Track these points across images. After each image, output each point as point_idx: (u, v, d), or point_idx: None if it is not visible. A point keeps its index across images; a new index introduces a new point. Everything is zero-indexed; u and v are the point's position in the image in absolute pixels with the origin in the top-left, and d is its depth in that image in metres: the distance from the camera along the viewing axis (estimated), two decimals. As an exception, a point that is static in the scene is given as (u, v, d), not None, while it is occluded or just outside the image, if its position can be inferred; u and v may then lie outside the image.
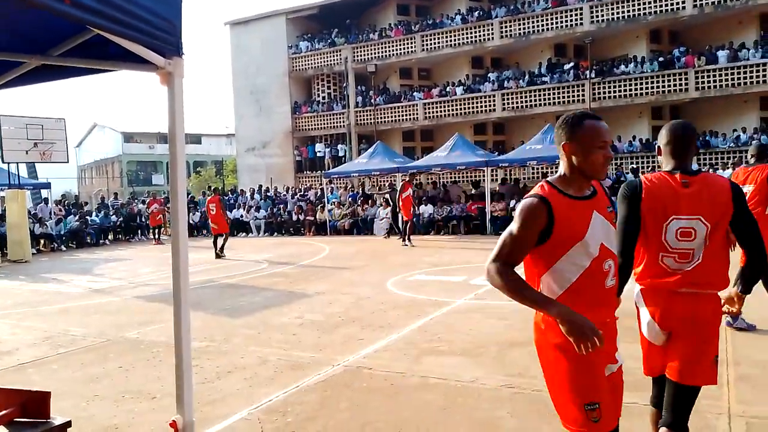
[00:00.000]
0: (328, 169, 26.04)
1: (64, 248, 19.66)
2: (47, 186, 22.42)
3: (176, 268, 2.36)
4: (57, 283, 11.61)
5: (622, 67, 24.01)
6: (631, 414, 3.79)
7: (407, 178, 17.06)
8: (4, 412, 2.05)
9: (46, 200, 21.87)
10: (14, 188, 17.36)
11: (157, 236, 20.68)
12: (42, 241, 19.65)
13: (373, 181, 24.72)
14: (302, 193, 24.04)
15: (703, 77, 22.20)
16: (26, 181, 20.69)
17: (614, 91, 23.72)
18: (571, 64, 25.36)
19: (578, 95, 24.23)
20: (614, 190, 17.00)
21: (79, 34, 2.44)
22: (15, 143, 17.35)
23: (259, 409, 4.15)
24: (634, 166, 20.79)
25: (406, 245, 15.07)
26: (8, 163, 18.13)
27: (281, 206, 22.70)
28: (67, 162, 19.77)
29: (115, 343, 6.29)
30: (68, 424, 2.11)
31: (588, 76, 23.83)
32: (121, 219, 22.53)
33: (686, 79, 22.45)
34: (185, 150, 2.42)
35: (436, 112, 27.59)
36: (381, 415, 3.97)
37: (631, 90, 23.38)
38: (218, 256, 14.41)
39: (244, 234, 21.97)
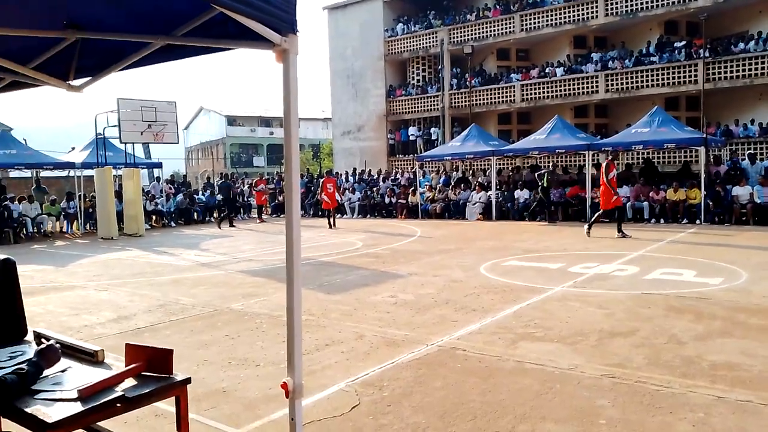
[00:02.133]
0: (421, 152, 26.02)
1: (173, 224, 21.00)
2: (159, 165, 23.93)
3: (290, 241, 2.46)
4: (168, 256, 12.43)
5: (741, 44, 22.15)
6: (745, 411, 3.57)
7: (610, 157, 13.48)
8: (134, 365, 2.23)
9: (158, 179, 23.44)
10: (130, 167, 18.68)
11: (261, 215, 21.63)
12: (153, 217, 21.07)
13: (466, 165, 24.40)
14: (394, 176, 24.21)
15: (836, 55, 20.11)
16: (140, 161, 22.16)
17: (731, 71, 21.96)
18: (683, 42, 23.70)
19: (690, 76, 22.66)
20: (730, 176, 15.89)
21: (202, 14, 2.56)
22: (131, 125, 18.64)
23: (356, 382, 4.26)
24: (751, 151, 19.23)
25: (623, 236, 12.50)
26: (125, 144, 19.51)
27: (375, 189, 23.00)
28: (177, 143, 21.03)
29: (222, 313, 6.66)
30: (188, 380, 2.26)
31: (702, 55, 22.21)
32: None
33: (816, 57, 20.42)
34: (298, 131, 2.49)
35: (535, 93, 26.77)
36: (476, 396, 3.96)
37: (750, 70, 21.54)
38: (332, 226, 17.48)
39: (339, 215, 22.48)
